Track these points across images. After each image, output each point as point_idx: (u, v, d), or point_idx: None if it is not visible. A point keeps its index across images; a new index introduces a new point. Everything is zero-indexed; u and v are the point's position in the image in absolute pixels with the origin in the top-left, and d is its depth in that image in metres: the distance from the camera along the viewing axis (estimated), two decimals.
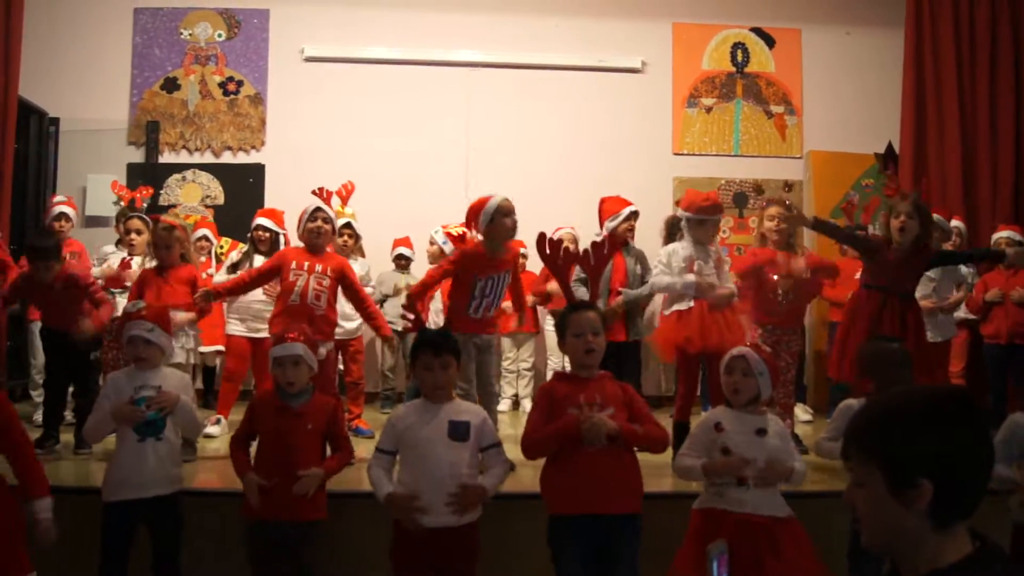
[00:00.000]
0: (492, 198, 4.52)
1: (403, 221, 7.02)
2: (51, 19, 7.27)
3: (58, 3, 7.30)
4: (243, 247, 5.88)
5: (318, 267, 4.57)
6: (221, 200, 7.33)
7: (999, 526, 3.15)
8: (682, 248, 4.69)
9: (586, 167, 7.44)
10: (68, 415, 5.10)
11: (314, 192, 6.31)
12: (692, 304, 4.56)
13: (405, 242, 6.68)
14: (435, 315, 6.17)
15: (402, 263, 6.64)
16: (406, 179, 7.29)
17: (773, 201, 5.31)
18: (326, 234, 4.67)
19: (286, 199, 7.11)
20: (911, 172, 6.60)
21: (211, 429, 5.29)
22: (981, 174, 6.60)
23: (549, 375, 6.73)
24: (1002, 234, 5.77)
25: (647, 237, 7.26)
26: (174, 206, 7.26)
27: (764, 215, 5.08)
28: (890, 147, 7.28)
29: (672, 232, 5.11)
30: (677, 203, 6.94)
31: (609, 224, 5.20)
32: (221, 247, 6.52)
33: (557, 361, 6.69)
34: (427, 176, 7.32)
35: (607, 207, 5.33)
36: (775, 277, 4.98)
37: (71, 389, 5.06)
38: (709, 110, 7.67)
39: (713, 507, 3.07)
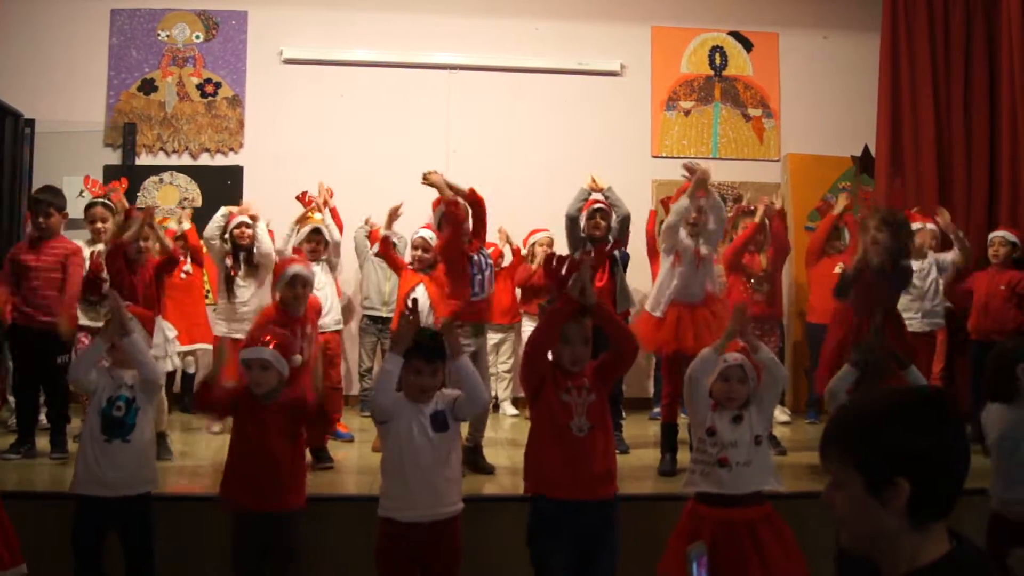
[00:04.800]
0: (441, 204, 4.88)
1: (380, 223, 7.01)
2: (27, 19, 7.20)
3: (34, 3, 7.23)
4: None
5: (302, 344, 4.57)
6: (199, 203, 7.28)
7: (977, 526, 3.19)
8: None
9: (565, 169, 7.42)
10: (43, 419, 5.06)
11: (297, 197, 6.29)
12: (667, 309, 4.61)
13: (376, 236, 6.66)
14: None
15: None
16: (385, 182, 7.24)
17: (746, 209, 5.37)
18: (303, 300, 4.68)
19: (265, 201, 7.09)
20: (887, 173, 6.66)
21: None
22: (956, 177, 6.66)
23: None
24: (997, 233, 5.85)
25: (629, 239, 7.31)
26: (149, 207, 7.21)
27: (740, 225, 5.15)
28: (866, 150, 7.35)
29: None
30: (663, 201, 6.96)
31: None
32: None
33: None
34: (406, 179, 7.25)
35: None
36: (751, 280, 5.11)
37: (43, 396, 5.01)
38: (688, 113, 7.71)
39: (700, 491, 3.16)
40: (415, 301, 3.37)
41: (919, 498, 1.45)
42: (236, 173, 7.33)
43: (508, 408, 6.71)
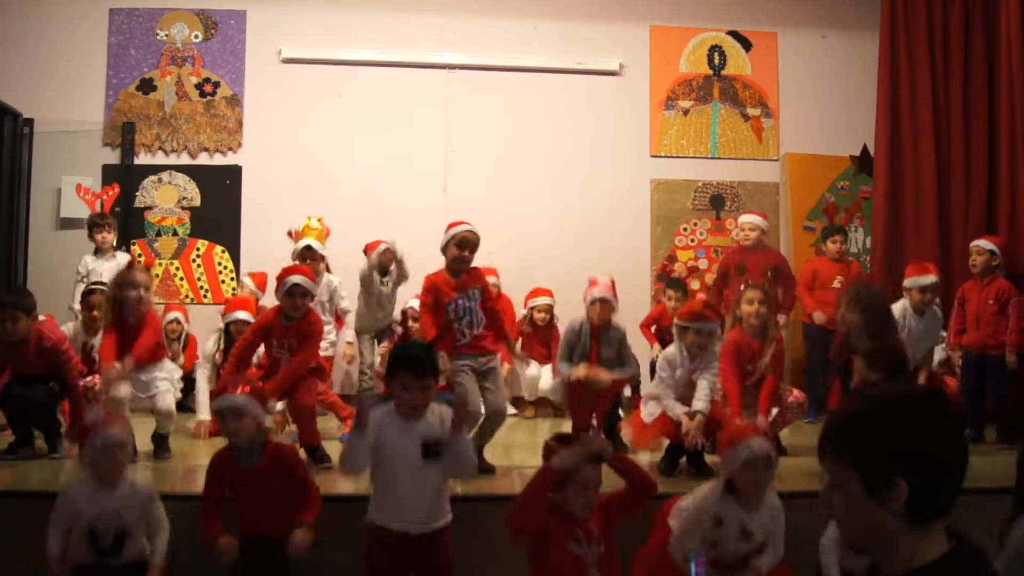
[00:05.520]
0: (458, 226, 4.53)
1: (380, 224, 6.99)
2: (25, 18, 7.19)
3: (33, 2, 7.21)
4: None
5: (293, 343, 4.55)
6: (197, 202, 7.28)
7: (977, 526, 3.18)
8: (670, 354, 4.57)
9: (564, 169, 7.46)
10: None
11: (289, 234, 6.18)
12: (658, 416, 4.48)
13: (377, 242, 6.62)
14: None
15: (388, 258, 6.53)
16: (383, 181, 7.27)
17: (753, 283, 5.19)
18: (303, 308, 4.59)
19: (263, 201, 7.14)
20: (886, 173, 6.66)
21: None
22: (954, 175, 6.67)
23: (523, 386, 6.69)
24: (975, 242, 5.82)
25: (627, 239, 7.34)
26: (150, 208, 7.21)
27: (743, 299, 4.94)
28: (865, 150, 7.35)
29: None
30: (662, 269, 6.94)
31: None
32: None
33: (535, 375, 6.64)
34: (405, 178, 7.32)
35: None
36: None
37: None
38: (686, 112, 7.70)
39: None
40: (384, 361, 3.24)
41: (917, 498, 1.45)
42: (235, 172, 7.32)
43: (507, 408, 6.66)
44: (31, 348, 4.57)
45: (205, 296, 7.16)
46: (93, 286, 5.57)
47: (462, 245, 4.47)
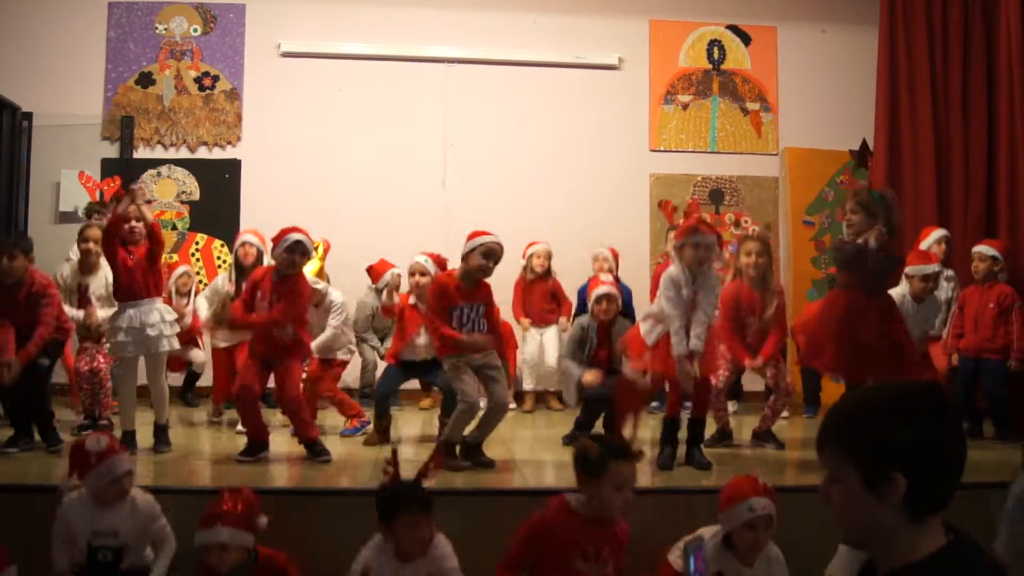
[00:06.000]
0: (485, 236, 4.44)
1: (378, 218, 7.02)
2: (25, 13, 7.18)
3: None
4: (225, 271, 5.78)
5: (275, 299, 4.50)
6: (197, 196, 7.28)
7: (975, 520, 3.19)
8: (674, 273, 4.45)
9: (563, 163, 7.46)
10: None
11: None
12: (659, 339, 4.39)
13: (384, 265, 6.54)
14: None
15: (397, 281, 6.51)
16: (382, 175, 7.28)
17: (753, 236, 5.21)
18: (299, 265, 4.59)
19: (262, 195, 7.14)
20: (885, 168, 6.65)
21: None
22: (954, 170, 6.66)
23: None
24: (977, 248, 5.81)
25: (627, 234, 7.33)
26: (150, 201, 7.20)
27: (741, 250, 4.96)
28: (864, 144, 7.34)
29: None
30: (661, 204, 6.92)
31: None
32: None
33: (533, 356, 6.64)
34: (404, 173, 7.32)
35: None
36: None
37: None
38: (686, 107, 7.70)
39: None
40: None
41: (915, 492, 1.45)
42: (234, 166, 7.32)
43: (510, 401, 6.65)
44: (22, 292, 4.54)
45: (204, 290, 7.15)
46: (91, 222, 5.47)
47: (488, 256, 4.39)
